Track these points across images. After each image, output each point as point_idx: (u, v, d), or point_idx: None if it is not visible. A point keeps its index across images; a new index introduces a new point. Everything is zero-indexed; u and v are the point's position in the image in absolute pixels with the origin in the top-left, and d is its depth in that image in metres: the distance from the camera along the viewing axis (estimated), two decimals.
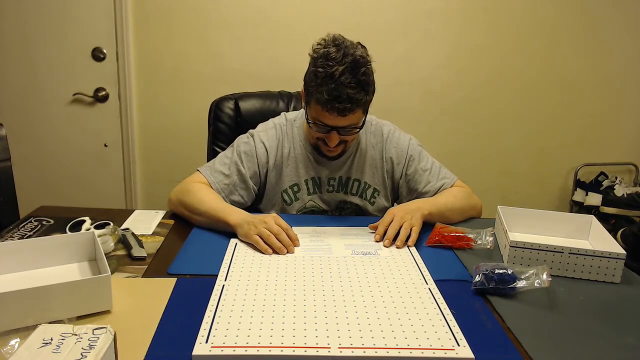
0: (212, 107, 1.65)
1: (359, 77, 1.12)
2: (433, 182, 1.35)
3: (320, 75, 1.12)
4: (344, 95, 1.10)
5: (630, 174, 2.55)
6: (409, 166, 1.36)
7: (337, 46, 1.13)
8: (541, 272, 0.91)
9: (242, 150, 1.32)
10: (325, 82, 1.11)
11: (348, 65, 1.11)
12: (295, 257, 1.04)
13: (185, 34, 2.20)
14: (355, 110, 1.14)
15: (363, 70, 1.12)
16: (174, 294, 0.87)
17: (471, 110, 2.39)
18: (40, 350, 0.59)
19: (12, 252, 0.90)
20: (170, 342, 0.74)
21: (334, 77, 1.10)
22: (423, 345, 0.74)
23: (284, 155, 1.34)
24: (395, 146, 1.37)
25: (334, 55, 1.11)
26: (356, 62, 1.12)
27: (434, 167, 1.38)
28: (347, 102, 1.11)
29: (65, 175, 2.32)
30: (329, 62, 1.11)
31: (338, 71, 1.10)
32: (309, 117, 1.22)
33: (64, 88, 2.20)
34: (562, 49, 2.34)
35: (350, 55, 1.12)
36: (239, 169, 1.30)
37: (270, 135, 1.35)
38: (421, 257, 1.06)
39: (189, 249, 1.08)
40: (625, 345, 0.78)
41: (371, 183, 1.37)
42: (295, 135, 1.35)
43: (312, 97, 1.17)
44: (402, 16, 2.24)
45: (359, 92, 1.12)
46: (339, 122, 1.17)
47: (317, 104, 1.15)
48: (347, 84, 1.10)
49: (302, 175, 1.34)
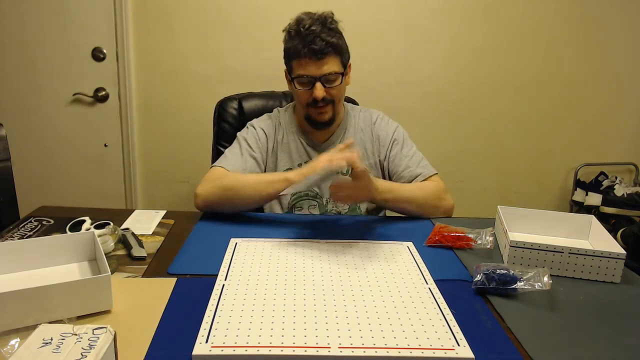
0: (217, 107, 1.68)
1: (329, 25, 1.25)
2: (412, 167, 1.38)
3: (293, 31, 1.26)
4: (317, 38, 1.22)
5: (630, 174, 2.55)
6: (392, 149, 1.42)
7: (305, 13, 1.27)
8: (542, 275, 0.90)
9: (247, 138, 1.39)
10: (298, 34, 1.24)
11: (316, 19, 1.25)
12: (295, 257, 1.04)
13: (185, 33, 2.20)
14: (330, 53, 1.24)
15: (330, 20, 1.26)
16: (174, 294, 0.87)
17: (471, 111, 2.39)
18: (40, 350, 0.59)
19: (12, 252, 0.90)
20: (170, 342, 0.74)
21: (305, 27, 1.23)
22: (423, 345, 0.74)
23: (278, 141, 1.41)
24: (383, 129, 1.44)
25: (303, 17, 1.26)
26: (324, 17, 1.26)
27: (415, 156, 1.41)
28: (322, 42, 1.22)
29: (65, 175, 2.32)
30: (300, 22, 1.25)
31: (307, 23, 1.24)
32: (293, 77, 1.29)
33: (64, 88, 2.20)
34: (562, 49, 2.34)
35: (319, 14, 1.26)
36: (252, 154, 1.36)
37: (267, 123, 1.43)
38: (421, 257, 1.06)
39: (189, 248, 1.08)
40: (625, 345, 0.78)
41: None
42: (287, 122, 1.44)
43: (291, 55, 1.27)
44: (402, 16, 2.24)
45: (331, 36, 1.24)
46: (319, 69, 1.25)
47: (296, 58, 1.26)
48: (318, 32, 1.23)
49: (296, 160, 1.41)
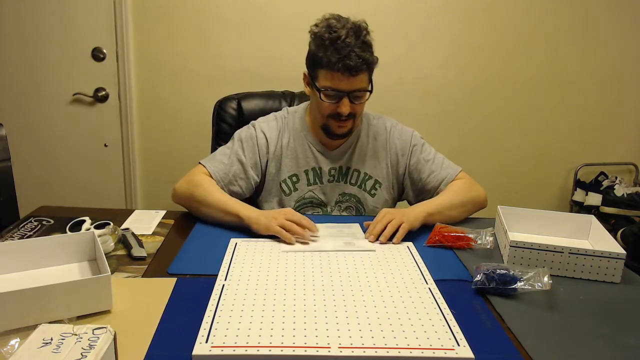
0: (216, 107, 1.66)
1: (363, 38, 1.19)
2: (437, 171, 1.36)
3: (327, 40, 1.18)
4: (352, 53, 1.16)
5: (630, 174, 2.55)
6: (412, 156, 1.38)
7: (336, 18, 1.22)
8: (542, 275, 0.90)
9: (243, 139, 1.34)
10: (333, 44, 1.17)
11: (350, 30, 1.18)
12: (295, 257, 1.04)
13: (185, 33, 2.20)
14: (363, 69, 1.19)
15: (365, 33, 1.20)
16: (174, 294, 0.87)
17: (471, 110, 2.39)
18: (40, 350, 0.59)
19: (12, 252, 0.91)
20: (170, 342, 0.74)
21: (340, 38, 1.17)
22: (423, 345, 0.74)
23: (284, 145, 1.36)
24: (398, 138, 1.39)
25: (335, 24, 1.20)
26: (358, 26, 1.20)
27: (437, 158, 1.39)
28: (357, 59, 1.16)
29: (65, 175, 2.32)
30: (332, 28, 1.19)
31: (343, 33, 1.17)
32: (320, 87, 1.23)
33: (64, 88, 2.20)
34: (562, 49, 2.34)
35: (351, 22, 1.21)
36: (240, 158, 1.31)
37: (271, 125, 1.37)
38: (421, 257, 1.06)
39: (189, 249, 1.08)
40: (625, 345, 0.78)
41: (372, 174, 1.38)
42: (296, 125, 1.37)
43: (321, 65, 1.21)
44: (402, 16, 2.24)
45: (365, 52, 1.18)
46: (350, 85, 1.20)
47: (326, 68, 1.20)
48: (353, 45, 1.17)
49: (302, 166, 1.36)
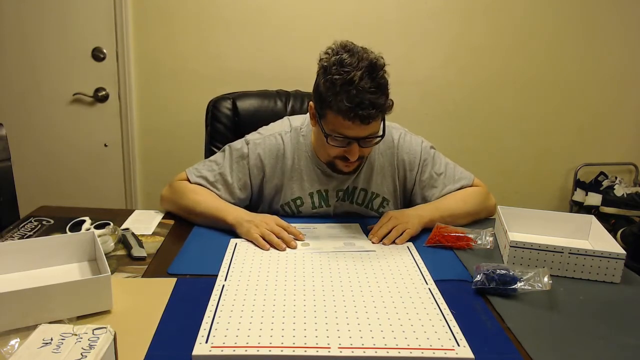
0: (209, 107, 1.58)
1: (378, 80, 1.04)
2: (450, 185, 1.29)
3: (338, 83, 1.02)
4: (366, 101, 1.02)
5: (630, 174, 2.55)
6: (422, 172, 1.29)
7: (349, 52, 1.05)
8: (542, 275, 0.90)
9: (234, 158, 1.25)
10: (345, 89, 1.02)
11: (365, 70, 1.02)
12: (295, 257, 1.04)
13: (185, 33, 2.20)
14: (377, 116, 1.06)
15: (381, 73, 1.05)
16: (174, 294, 0.87)
17: (471, 110, 2.39)
18: (40, 350, 0.59)
19: (12, 252, 0.90)
20: (170, 342, 0.74)
21: (353, 82, 1.01)
22: (423, 345, 0.74)
23: (287, 168, 1.25)
24: (407, 152, 1.29)
25: (349, 61, 1.03)
26: (373, 65, 1.04)
27: (448, 169, 1.31)
28: (370, 108, 1.02)
29: (65, 175, 2.32)
30: (345, 68, 1.02)
31: (356, 76, 1.01)
32: (326, 131, 1.10)
33: (64, 88, 2.20)
34: (562, 49, 2.34)
35: (365, 59, 1.04)
36: (225, 178, 1.23)
37: (268, 144, 1.25)
38: (421, 257, 1.06)
39: (189, 249, 1.08)
40: (625, 345, 0.78)
41: (379, 192, 1.30)
42: (300, 145, 1.25)
43: (330, 109, 1.06)
44: (402, 16, 2.24)
45: (379, 97, 1.04)
46: (361, 132, 1.08)
47: (337, 114, 1.05)
48: (367, 89, 1.02)
49: (307, 189, 1.27)
